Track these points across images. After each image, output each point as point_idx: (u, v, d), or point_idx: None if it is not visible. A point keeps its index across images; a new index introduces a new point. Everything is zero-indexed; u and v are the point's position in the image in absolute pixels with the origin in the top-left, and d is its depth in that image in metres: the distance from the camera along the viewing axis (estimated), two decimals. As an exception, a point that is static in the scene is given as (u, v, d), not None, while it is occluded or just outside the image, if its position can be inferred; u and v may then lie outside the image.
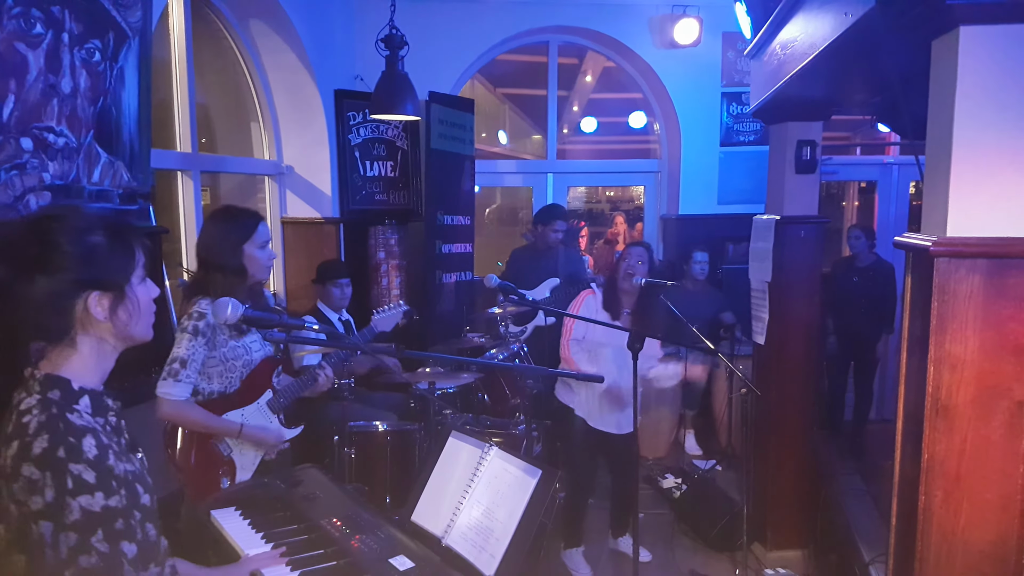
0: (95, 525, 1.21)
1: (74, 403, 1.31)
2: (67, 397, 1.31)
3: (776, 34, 3.35)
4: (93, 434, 1.27)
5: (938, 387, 1.92)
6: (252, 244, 2.60)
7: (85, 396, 1.33)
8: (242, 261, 2.58)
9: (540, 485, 1.82)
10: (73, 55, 2.92)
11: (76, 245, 1.31)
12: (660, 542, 4.17)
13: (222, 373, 2.60)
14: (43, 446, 1.22)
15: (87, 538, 1.20)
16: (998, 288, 1.87)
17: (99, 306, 1.33)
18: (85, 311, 1.32)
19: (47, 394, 1.29)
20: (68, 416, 1.27)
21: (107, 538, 1.22)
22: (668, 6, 6.09)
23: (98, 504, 1.21)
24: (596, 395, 3.70)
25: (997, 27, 1.82)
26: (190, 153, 4.33)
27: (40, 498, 1.20)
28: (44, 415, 1.26)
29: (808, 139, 3.74)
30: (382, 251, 5.83)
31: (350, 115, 5.52)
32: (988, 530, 1.95)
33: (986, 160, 1.86)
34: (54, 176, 2.87)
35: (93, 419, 1.31)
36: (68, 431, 1.25)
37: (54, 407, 1.28)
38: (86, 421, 1.29)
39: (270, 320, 2.04)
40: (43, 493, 1.20)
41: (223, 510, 2.13)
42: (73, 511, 1.20)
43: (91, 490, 1.21)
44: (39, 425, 1.25)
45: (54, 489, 1.20)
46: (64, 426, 1.25)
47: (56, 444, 1.22)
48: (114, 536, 1.23)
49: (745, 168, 6.49)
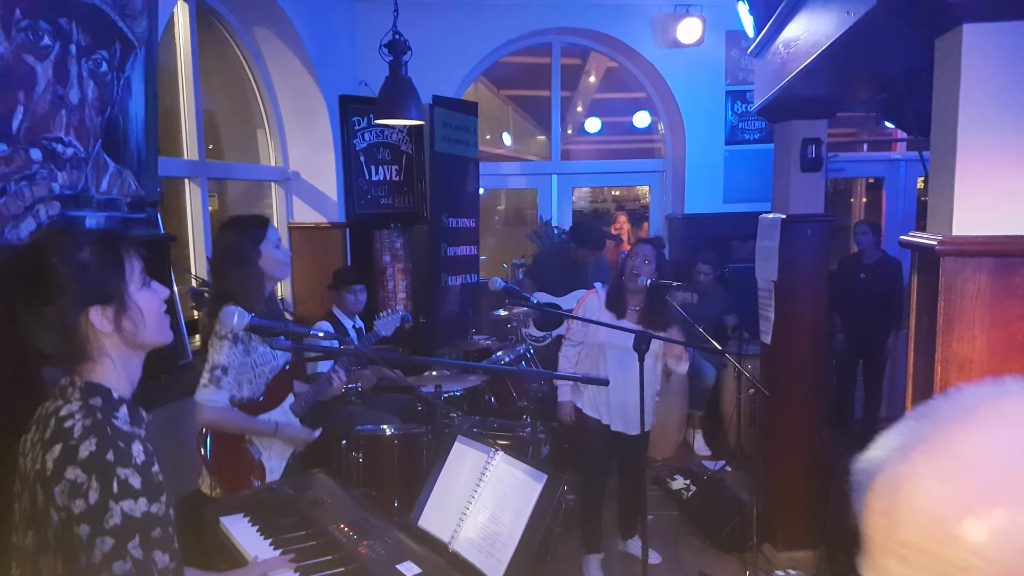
0: (133, 531, 1.21)
1: (115, 411, 1.32)
2: (109, 405, 1.31)
3: (779, 33, 3.34)
4: (140, 440, 1.28)
5: (946, 387, 1.90)
6: (268, 244, 2.67)
7: (124, 406, 1.34)
8: (259, 263, 2.65)
9: (546, 489, 1.82)
10: (80, 66, 2.94)
11: (67, 265, 1.31)
12: (669, 543, 4.17)
13: (251, 380, 2.66)
14: (91, 449, 1.22)
15: (124, 543, 1.20)
16: (1005, 286, 1.86)
17: (103, 320, 1.33)
18: (91, 327, 1.33)
19: (88, 400, 1.30)
20: (113, 421, 1.29)
21: (143, 545, 1.22)
22: (671, 5, 6.09)
23: (140, 510, 1.22)
24: (602, 396, 3.70)
25: (1000, 24, 1.81)
26: (197, 161, 4.35)
27: (84, 501, 1.19)
28: (89, 419, 1.26)
29: (813, 137, 3.73)
30: (388, 255, 5.84)
31: (355, 120, 5.53)
32: (997, 530, 1.94)
33: (991, 158, 1.85)
34: (63, 186, 2.89)
35: (131, 428, 1.32)
36: (116, 435, 1.25)
37: (98, 412, 1.28)
38: (130, 428, 1.31)
39: (276, 328, 2.05)
40: (86, 496, 1.19)
41: (231, 516, 2.14)
42: (114, 515, 1.19)
43: (136, 495, 1.22)
44: (84, 429, 1.25)
45: (98, 492, 1.19)
46: (111, 431, 1.26)
47: (105, 447, 1.23)
48: (149, 544, 1.23)
49: (750, 166, 6.48)
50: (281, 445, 2.76)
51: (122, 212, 3.22)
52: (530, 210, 7.58)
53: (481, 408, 4.50)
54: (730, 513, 4.16)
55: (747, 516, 3.90)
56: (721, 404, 5.70)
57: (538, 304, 3.62)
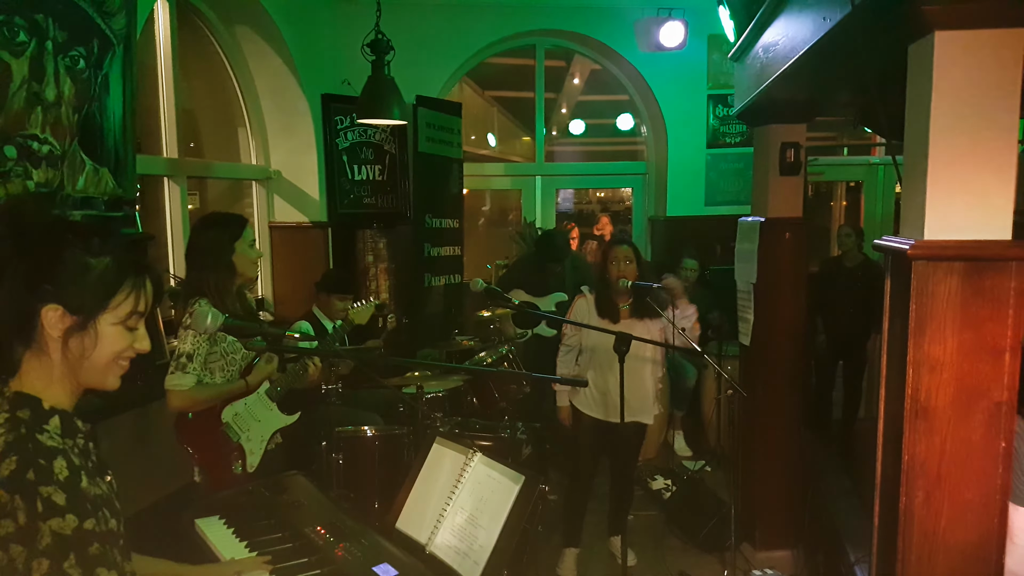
0: (67, 550, 1.17)
1: (44, 423, 1.26)
2: (37, 417, 1.26)
3: (759, 37, 3.37)
4: (64, 455, 1.22)
5: (917, 388, 1.94)
6: (242, 243, 2.79)
7: (55, 416, 1.28)
8: (232, 260, 2.76)
9: (523, 491, 1.83)
10: (57, 63, 2.92)
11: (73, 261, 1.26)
12: (649, 543, 4.19)
13: (223, 367, 2.78)
14: (11, 468, 1.18)
15: (59, 563, 1.16)
16: (976, 290, 1.89)
17: (54, 323, 1.26)
18: (43, 323, 1.26)
19: (16, 412, 1.25)
20: (37, 437, 1.23)
21: (80, 563, 1.18)
22: (653, 9, 6.11)
23: (70, 527, 1.17)
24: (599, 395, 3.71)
25: (972, 32, 1.83)
26: (176, 159, 4.32)
27: (11, 521, 1.15)
28: (12, 435, 1.22)
29: (792, 141, 3.75)
30: (370, 254, 5.82)
31: (337, 119, 5.51)
32: (969, 530, 1.97)
33: (963, 163, 1.87)
34: (38, 184, 2.86)
35: (63, 440, 1.26)
36: (38, 452, 1.20)
37: (23, 427, 1.23)
38: (56, 441, 1.24)
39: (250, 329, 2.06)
40: (14, 516, 1.15)
41: (206, 519, 2.13)
42: (44, 535, 1.15)
43: (62, 512, 1.17)
44: (7, 445, 1.20)
45: (25, 513, 1.15)
46: (33, 447, 1.21)
47: (26, 466, 1.18)
48: (88, 561, 1.19)
49: (732, 170, 6.52)
50: (259, 428, 2.85)
51: (99, 210, 3.20)
52: (514, 211, 7.58)
53: (463, 409, 4.50)
54: (709, 513, 4.18)
55: (726, 516, 3.92)
56: (701, 404, 5.73)
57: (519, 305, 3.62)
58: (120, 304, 1.31)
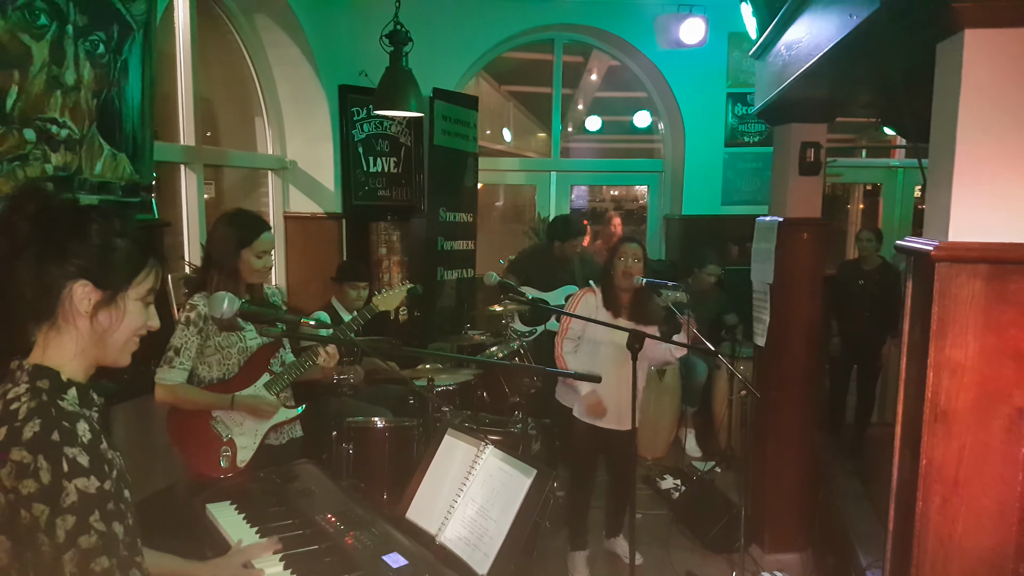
0: (92, 506, 1.22)
1: (63, 393, 1.31)
2: (56, 387, 1.31)
3: (781, 35, 3.33)
4: (86, 419, 1.28)
5: (937, 392, 1.91)
6: (250, 251, 2.73)
7: (72, 388, 1.33)
8: (237, 264, 2.72)
9: (535, 484, 1.82)
10: (77, 47, 2.93)
11: (99, 237, 1.32)
12: (657, 543, 4.17)
13: (220, 360, 2.76)
14: (35, 430, 1.22)
15: (86, 518, 1.21)
16: (999, 293, 1.85)
17: (83, 298, 1.32)
18: (71, 298, 1.31)
19: (35, 383, 1.30)
20: (59, 402, 1.28)
21: (103, 518, 1.23)
22: (674, 5, 6.07)
23: (94, 486, 1.22)
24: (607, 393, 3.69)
25: (1002, 31, 1.80)
26: (193, 146, 4.33)
27: (34, 481, 1.19)
28: (34, 401, 1.26)
29: (812, 141, 3.72)
30: (384, 247, 5.82)
31: (354, 111, 5.51)
32: (985, 536, 1.94)
33: (989, 164, 1.84)
34: (56, 168, 2.87)
35: (80, 408, 1.32)
36: (61, 416, 1.25)
37: (44, 394, 1.28)
38: (78, 408, 1.30)
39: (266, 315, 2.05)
40: (37, 476, 1.19)
41: (218, 504, 2.13)
42: (70, 493, 1.20)
43: (86, 473, 1.22)
44: (29, 411, 1.25)
45: (50, 472, 1.20)
46: (56, 411, 1.26)
47: (50, 428, 1.23)
48: (108, 516, 1.24)
49: (749, 169, 6.48)
50: (253, 423, 2.80)
51: (116, 196, 3.21)
52: (528, 207, 7.56)
53: (473, 403, 4.50)
54: (719, 514, 4.16)
55: (735, 517, 3.90)
56: (713, 405, 5.70)
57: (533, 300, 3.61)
58: (143, 281, 1.39)
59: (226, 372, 2.76)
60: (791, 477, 3.93)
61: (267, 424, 2.82)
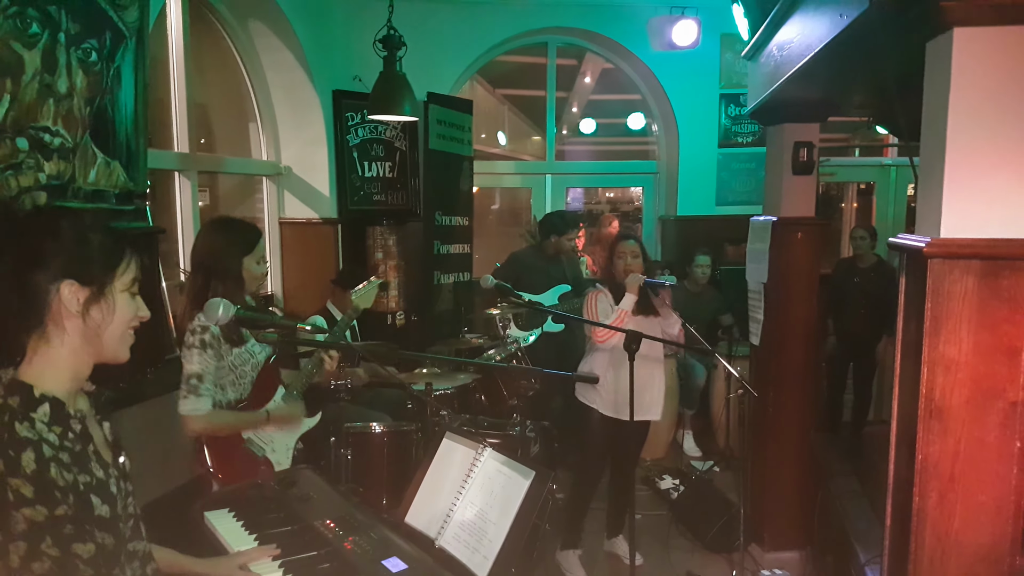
0: (42, 533, 1.21)
1: (31, 411, 1.29)
2: (26, 404, 1.29)
3: (773, 35, 3.35)
4: (35, 447, 1.25)
5: (932, 389, 1.91)
6: (252, 258, 2.66)
7: (46, 404, 1.31)
8: (240, 272, 2.63)
9: (533, 486, 1.82)
10: (69, 55, 2.92)
11: (70, 237, 1.32)
12: (657, 543, 4.17)
13: (234, 381, 2.65)
14: None
15: (36, 545, 1.20)
16: (992, 289, 1.86)
17: (72, 297, 1.32)
18: (59, 300, 1.31)
19: (7, 399, 1.29)
20: (16, 425, 1.26)
21: (56, 543, 1.21)
22: (666, 7, 6.09)
23: (40, 515, 1.21)
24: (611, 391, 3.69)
25: (991, 29, 1.81)
26: (187, 153, 4.33)
27: None
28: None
29: (805, 140, 3.73)
30: (380, 251, 5.82)
31: (348, 115, 5.51)
32: (982, 532, 1.95)
33: (980, 161, 1.85)
34: (50, 176, 2.87)
35: (48, 428, 1.29)
36: (10, 443, 1.23)
37: (7, 414, 1.26)
38: (33, 432, 1.27)
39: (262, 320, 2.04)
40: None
41: (216, 511, 2.12)
42: (18, 521, 1.19)
43: (30, 503, 1.20)
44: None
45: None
46: (8, 437, 1.24)
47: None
48: (63, 540, 1.22)
49: (743, 169, 6.50)
50: (283, 437, 2.76)
51: (110, 203, 3.20)
52: (524, 210, 7.57)
53: (471, 406, 4.49)
54: (718, 513, 4.17)
55: (735, 516, 3.90)
56: (711, 405, 5.70)
57: (529, 302, 3.61)
58: (124, 272, 1.39)
59: (242, 392, 2.67)
60: (789, 476, 3.94)
61: (295, 435, 2.79)
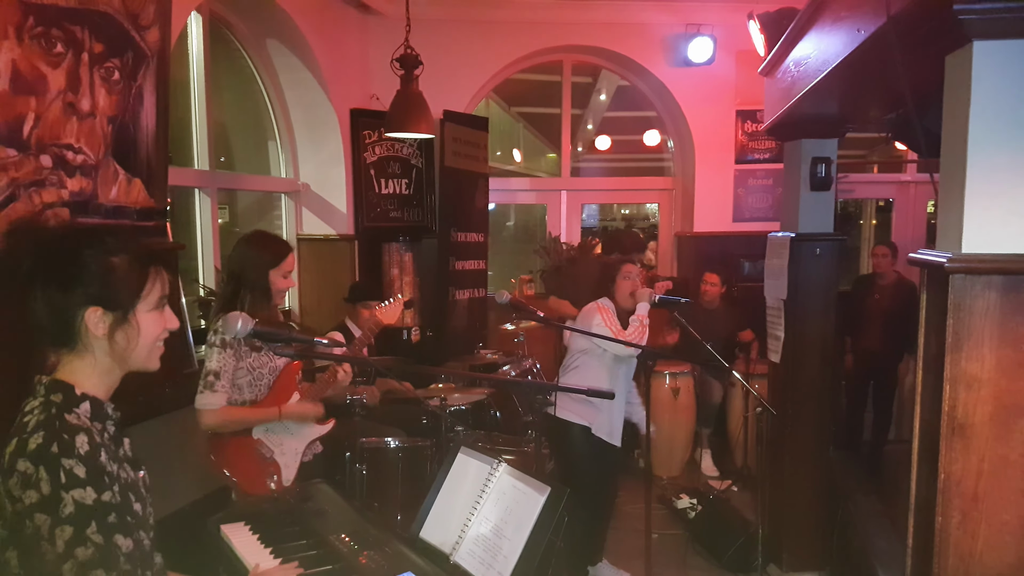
0: (88, 517, 1.25)
1: (74, 406, 1.36)
2: (68, 401, 1.35)
3: (789, 51, 3.34)
4: (87, 432, 1.32)
5: (954, 406, 1.89)
6: (278, 271, 2.79)
7: (86, 402, 1.38)
8: (267, 284, 2.76)
9: (549, 502, 1.80)
10: (92, 74, 2.97)
11: (96, 261, 1.36)
12: (673, 563, 4.12)
13: (251, 383, 2.75)
14: (38, 442, 1.27)
15: (82, 530, 1.24)
16: (1015, 305, 1.84)
17: (98, 323, 1.37)
18: (85, 326, 1.37)
19: (50, 396, 1.35)
20: (65, 415, 1.32)
21: (100, 530, 1.26)
22: (682, 25, 6.11)
23: (90, 497, 1.26)
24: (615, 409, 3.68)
25: (1011, 42, 1.81)
26: (207, 171, 4.37)
27: (35, 492, 1.24)
28: (43, 414, 1.31)
29: (823, 156, 3.72)
30: (396, 268, 5.85)
31: (365, 133, 5.56)
32: (1007, 552, 1.91)
33: (1001, 176, 1.84)
34: (72, 193, 2.91)
35: (91, 422, 1.36)
36: (63, 428, 1.29)
37: (54, 408, 1.33)
38: (81, 421, 1.34)
39: (279, 335, 2.06)
40: (38, 487, 1.24)
41: (232, 524, 2.13)
42: (67, 504, 1.24)
43: (83, 484, 1.26)
44: (37, 423, 1.30)
45: (49, 483, 1.24)
46: (60, 424, 1.30)
47: (50, 440, 1.27)
48: (107, 529, 1.27)
49: (760, 186, 6.48)
50: (293, 442, 2.82)
51: (131, 220, 3.24)
52: (539, 226, 7.58)
53: (486, 422, 4.48)
54: (736, 533, 4.11)
55: (753, 536, 3.86)
56: (728, 423, 5.65)
57: (544, 317, 3.59)
58: (150, 292, 1.43)
59: (257, 394, 2.76)
60: (808, 495, 3.88)
61: (305, 441, 2.86)
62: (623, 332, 3.56)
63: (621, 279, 3.65)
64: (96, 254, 1.36)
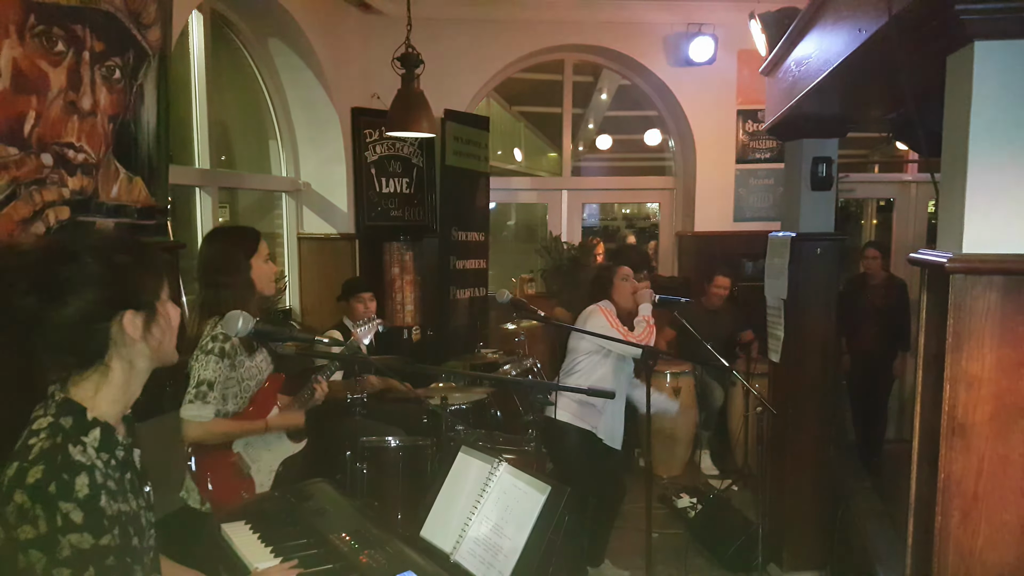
0: (86, 562, 1.21)
1: (83, 434, 1.29)
2: (78, 427, 1.29)
3: (791, 51, 3.34)
4: (88, 472, 1.25)
5: (954, 405, 1.89)
6: (258, 257, 2.67)
7: (96, 429, 1.32)
8: (249, 275, 2.63)
9: (549, 502, 1.81)
10: (93, 73, 2.97)
11: (106, 265, 1.31)
12: (674, 562, 4.12)
13: (237, 395, 2.64)
14: (36, 476, 1.21)
15: (80, 573, 1.20)
16: (1016, 305, 1.84)
17: (133, 325, 1.34)
18: (120, 331, 1.33)
19: (60, 419, 1.29)
20: (69, 448, 1.26)
21: (98, 574, 1.22)
22: (683, 24, 6.11)
23: (87, 543, 1.21)
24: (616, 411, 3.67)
25: (1012, 43, 1.80)
26: (208, 169, 4.38)
27: (32, 528, 1.19)
28: (48, 442, 1.25)
29: (824, 156, 3.72)
30: (397, 267, 5.85)
31: (366, 132, 5.56)
32: (1007, 551, 1.91)
33: (1002, 176, 1.83)
34: (73, 191, 2.91)
35: (97, 454, 1.29)
36: (64, 466, 1.24)
37: (60, 435, 1.27)
38: (86, 456, 1.27)
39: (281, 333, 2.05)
40: (35, 524, 1.19)
41: (233, 523, 2.13)
42: (64, 548, 1.20)
43: (79, 529, 1.21)
44: (40, 453, 1.24)
45: (46, 523, 1.19)
46: (62, 459, 1.24)
47: (49, 478, 1.21)
48: (105, 572, 1.23)
49: (761, 185, 6.48)
50: (269, 458, 2.74)
51: (132, 218, 3.24)
52: (540, 225, 7.58)
53: (487, 421, 4.48)
54: (736, 532, 4.12)
55: (753, 535, 3.86)
56: (729, 422, 5.65)
57: (544, 317, 3.60)
58: (165, 284, 1.42)
59: (240, 405, 2.65)
60: (808, 494, 3.88)
61: (280, 457, 2.77)
62: (631, 334, 3.57)
63: (619, 280, 3.66)
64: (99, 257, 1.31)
